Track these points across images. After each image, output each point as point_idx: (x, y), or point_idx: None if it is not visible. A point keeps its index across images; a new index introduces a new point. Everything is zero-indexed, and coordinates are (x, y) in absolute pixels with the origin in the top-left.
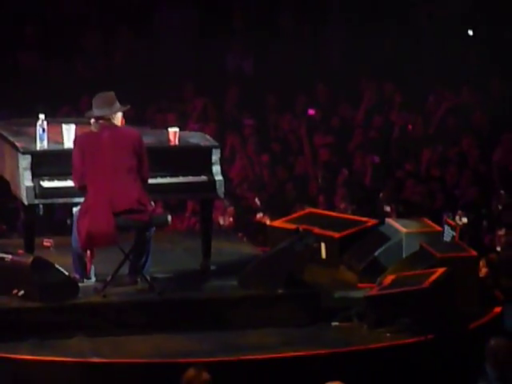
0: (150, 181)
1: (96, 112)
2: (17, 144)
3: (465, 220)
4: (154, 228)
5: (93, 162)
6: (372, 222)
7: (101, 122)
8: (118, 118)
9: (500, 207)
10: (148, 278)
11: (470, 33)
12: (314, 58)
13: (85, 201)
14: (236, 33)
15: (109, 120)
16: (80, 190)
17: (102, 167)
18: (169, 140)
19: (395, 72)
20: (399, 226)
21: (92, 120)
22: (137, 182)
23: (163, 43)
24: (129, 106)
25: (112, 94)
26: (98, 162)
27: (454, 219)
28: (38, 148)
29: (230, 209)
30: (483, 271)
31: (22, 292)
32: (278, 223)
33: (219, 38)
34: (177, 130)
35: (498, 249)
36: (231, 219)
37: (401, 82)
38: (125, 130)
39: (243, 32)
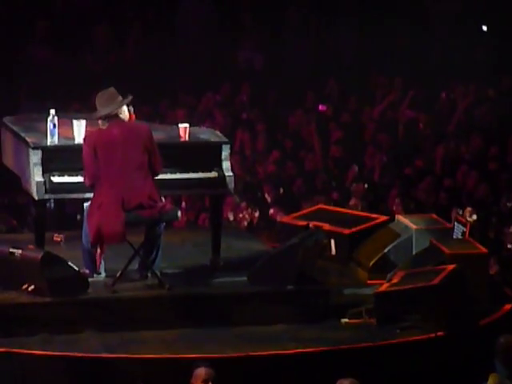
0: (161, 176)
1: (102, 111)
2: (27, 139)
3: (475, 217)
4: (164, 224)
5: (105, 159)
6: (382, 218)
7: (108, 119)
8: (125, 113)
9: (510, 205)
10: (158, 273)
11: (485, 28)
12: (325, 54)
13: (96, 197)
14: (246, 28)
15: (116, 116)
16: (91, 188)
17: (114, 164)
18: (179, 136)
19: (406, 68)
20: (409, 223)
21: (100, 120)
22: (148, 179)
23: (175, 38)
24: (131, 97)
25: (112, 89)
26: (109, 159)
27: (462, 216)
28: (48, 143)
29: (243, 204)
30: (494, 269)
31: (31, 287)
32: (288, 219)
33: (231, 33)
34: (187, 125)
35: (509, 246)
36: (242, 215)
37: (412, 79)
38: (134, 126)
39: (253, 27)
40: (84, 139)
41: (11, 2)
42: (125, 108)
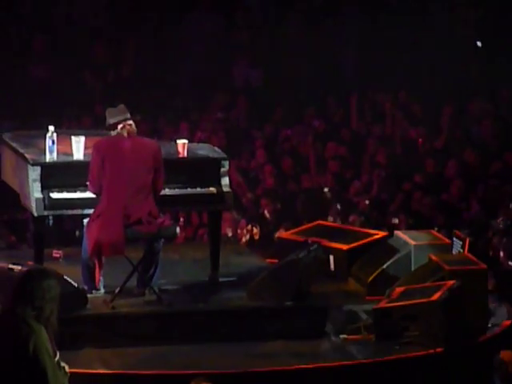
0: None
1: (111, 120)
2: (26, 156)
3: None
4: (163, 240)
5: (111, 171)
6: (381, 234)
7: (120, 126)
8: (134, 127)
9: (508, 221)
10: (156, 289)
11: (479, 44)
12: (325, 69)
13: (97, 207)
14: (244, 44)
15: (130, 125)
16: (95, 195)
17: (120, 177)
18: (177, 152)
19: (407, 83)
20: (408, 239)
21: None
22: (149, 197)
23: (174, 55)
24: (139, 117)
25: (123, 105)
26: (116, 170)
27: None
28: (47, 160)
29: (242, 220)
30: (490, 283)
31: None
32: (286, 235)
33: (228, 49)
34: (185, 141)
35: (510, 263)
36: (240, 231)
37: (413, 94)
38: (146, 141)
39: (251, 43)
40: (94, 146)
41: (9, 20)
42: (133, 123)
